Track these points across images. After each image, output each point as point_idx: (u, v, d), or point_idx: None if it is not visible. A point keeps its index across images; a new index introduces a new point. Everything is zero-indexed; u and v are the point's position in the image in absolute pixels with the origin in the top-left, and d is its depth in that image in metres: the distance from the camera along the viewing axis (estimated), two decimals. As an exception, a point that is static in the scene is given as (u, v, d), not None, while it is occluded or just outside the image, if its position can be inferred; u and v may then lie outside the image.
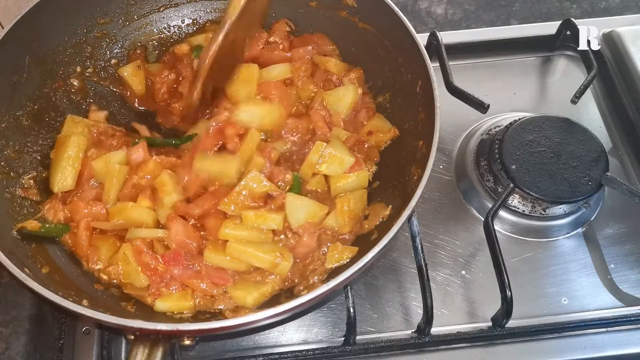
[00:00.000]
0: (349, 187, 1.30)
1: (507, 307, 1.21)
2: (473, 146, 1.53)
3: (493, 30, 1.76)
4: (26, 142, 1.31)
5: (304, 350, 1.24)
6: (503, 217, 1.43)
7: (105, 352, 1.26)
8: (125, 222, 1.25)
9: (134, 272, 1.19)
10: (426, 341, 1.25)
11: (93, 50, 1.45)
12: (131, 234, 1.23)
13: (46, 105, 1.36)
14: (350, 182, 1.30)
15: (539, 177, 1.38)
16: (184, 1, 1.53)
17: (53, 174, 1.30)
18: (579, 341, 1.27)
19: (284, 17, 1.52)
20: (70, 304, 0.98)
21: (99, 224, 1.25)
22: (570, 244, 1.41)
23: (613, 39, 1.68)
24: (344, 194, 1.30)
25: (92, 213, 1.26)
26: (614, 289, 1.34)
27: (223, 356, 1.27)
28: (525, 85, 1.68)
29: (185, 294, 1.19)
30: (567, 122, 1.46)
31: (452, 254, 1.40)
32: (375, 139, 1.38)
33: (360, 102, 1.43)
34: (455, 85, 1.44)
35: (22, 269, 1.03)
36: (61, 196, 1.29)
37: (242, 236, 1.21)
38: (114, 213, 1.25)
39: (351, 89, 1.40)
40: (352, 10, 1.42)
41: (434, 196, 1.48)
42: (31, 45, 1.31)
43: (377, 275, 1.36)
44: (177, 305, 1.17)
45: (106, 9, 1.44)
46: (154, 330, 1.00)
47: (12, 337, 1.23)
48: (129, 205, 1.25)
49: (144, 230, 1.24)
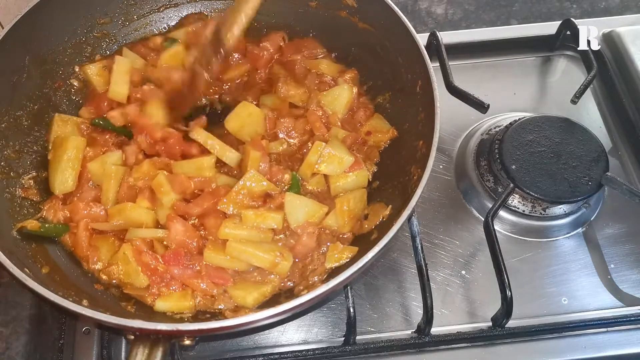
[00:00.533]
0: (349, 187, 1.30)
1: (507, 307, 1.21)
2: (473, 146, 1.53)
3: (493, 30, 1.76)
4: (26, 142, 1.31)
5: (304, 350, 1.24)
6: (503, 217, 1.43)
7: (105, 352, 1.25)
8: (125, 222, 1.25)
9: (134, 272, 1.19)
10: (426, 341, 1.25)
11: (93, 50, 1.45)
12: (131, 234, 1.23)
13: (46, 105, 1.36)
14: (349, 181, 1.30)
15: (539, 177, 1.38)
16: (183, 1, 1.53)
17: (53, 175, 1.29)
18: (579, 341, 1.27)
19: (284, 17, 1.52)
20: (70, 304, 0.98)
21: (98, 225, 1.25)
22: (570, 244, 1.41)
23: (613, 39, 1.68)
24: (344, 193, 1.30)
25: (91, 214, 1.26)
26: (614, 289, 1.34)
27: (223, 356, 1.27)
28: (525, 85, 1.68)
29: (185, 294, 1.19)
30: (567, 122, 1.46)
31: (452, 254, 1.40)
32: (374, 139, 1.38)
33: (356, 102, 1.43)
34: (455, 85, 1.44)
35: (22, 269, 1.03)
36: (61, 197, 1.29)
37: (242, 235, 1.21)
38: (114, 214, 1.25)
39: (346, 88, 1.41)
40: (352, 10, 1.42)
41: (434, 196, 1.48)
42: (31, 45, 1.31)
43: (377, 275, 1.36)
44: (177, 305, 1.17)
45: (106, 9, 1.44)
46: (154, 330, 1.00)
47: (12, 337, 1.23)
48: (128, 206, 1.25)
49: (144, 230, 1.24)
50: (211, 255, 1.20)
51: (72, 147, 1.30)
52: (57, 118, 1.35)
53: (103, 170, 1.29)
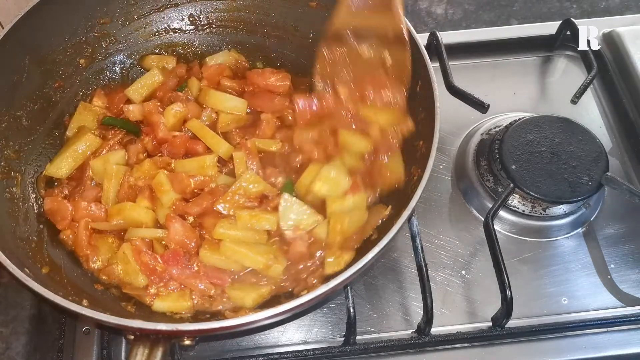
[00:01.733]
0: (345, 210, 1.24)
1: (507, 307, 1.21)
2: (473, 146, 1.53)
3: (493, 30, 1.76)
4: (26, 142, 1.31)
5: (304, 350, 1.24)
6: (503, 217, 1.43)
7: (105, 352, 1.25)
8: (124, 222, 1.25)
9: (133, 271, 1.19)
10: (426, 341, 1.25)
11: (93, 51, 1.45)
12: (130, 234, 1.23)
13: (46, 105, 1.36)
14: (346, 204, 1.24)
15: (539, 177, 1.38)
16: (184, 1, 1.53)
17: (56, 157, 1.33)
18: (579, 341, 1.27)
19: (284, 17, 1.52)
20: (70, 304, 0.98)
21: (98, 225, 1.25)
22: (570, 244, 1.41)
23: (613, 39, 1.68)
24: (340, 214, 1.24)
25: (91, 214, 1.26)
26: (614, 289, 1.34)
27: (223, 356, 1.27)
28: (525, 85, 1.68)
29: (183, 294, 1.19)
30: (567, 122, 1.46)
31: (452, 254, 1.40)
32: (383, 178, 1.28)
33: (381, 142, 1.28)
34: (455, 85, 1.44)
35: (22, 269, 1.03)
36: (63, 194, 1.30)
37: (236, 236, 1.21)
38: (113, 213, 1.26)
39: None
40: (352, 10, 1.42)
41: (434, 196, 1.48)
42: (31, 45, 1.31)
43: (377, 275, 1.36)
44: (176, 305, 1.17)
45: (106, 9, 1.44)
46: (153, 330, 1.00)
47: (12, 337, 1.23)
48: (128, 206, 1.25)
49: (144, 230, 1.24)
50: (207, 254, 1.20)
51: (85, 143, 1.33)
52: (81, 106, 1.40)
53: (105, 169, 1.30)
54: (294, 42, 1.54)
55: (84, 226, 1.24)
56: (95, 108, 1.41)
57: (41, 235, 1.24)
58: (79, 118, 1.39)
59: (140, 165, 1.30)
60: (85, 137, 1.34)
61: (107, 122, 1.40)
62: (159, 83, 1.45)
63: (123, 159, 1.33)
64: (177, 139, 1.34)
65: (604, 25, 1.72)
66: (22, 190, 1.26)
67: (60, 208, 1.26)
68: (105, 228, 1.26)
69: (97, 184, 1.32)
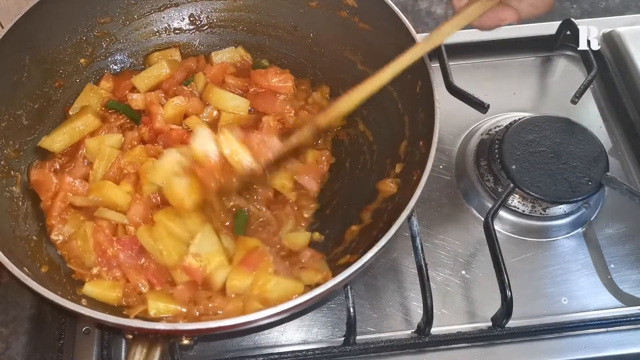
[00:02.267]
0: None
1: (507, 307, 1.21)
2: (473, 146, 1.53)
3: (493, 30, 1.76)
4: (26, 141, 1.31)
5: (304, 350, 1.24)
6: (503, 217, 1.43)
7: (105, 352, 1.25)
8: (102, 200, 1.25)
9: (88, 250, 1.19)
10: (426, 341, 1.25)
11: (93, 50, 1.45)
12: (99, 213, 1.23)
13: (46, 104, 1.36)
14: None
15: (539, 177, 1.38)
16: (184, 1, 1.53)
17: (53, 131, 1.34)
18: (579, 341, 1.27)
19: (284, 17, 1.52)
20: (69, 303, 0.98)
21: (75, 199, 1.26)
22: (570, 244, 1.41)
23: (613, 39, 1.68)
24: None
25: (73, 189, 1.27)
26: (614, 289, 1.34)
27: (223, 356, 1.26)
28: (525, 85, 1.68)
29: (115, 285, 1.17)
30: (567, 122, 1.46)
31: (452, 254, 1.40)
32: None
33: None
34: (455, 86, 1.43)
35: (22, 268, 1.03)
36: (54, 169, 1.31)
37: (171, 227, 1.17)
38: (93, 189, 1.26)
39: None
40: (352, 10, 1.42)
41: (434, 196, 1.48)
42: (31, 44, 1.31)
43: (377, 275, 1.36)
44: (104, 293, 1.16)
45: (106, 9, 1.44)
46: (152, 330, 1.00)
47: (12, 337, 1.23)
48: (108, 184, 1.26)
49: (110, 212, 1.23)
50: (143, 233, 1.18)
51: (84, 122, 1.34)
52: (87, 87, 1.42)
53: (99, 149, 1.31)
54: (294, 42, 1.54)
55: (61, 198, 1.25)
56: (101, 91, 1.43)
57: (41, 234, 1.24)
58: (83, 98, 1.41)
59: (131, 149, 1.31)
60: (86, 117, 1.35)
61: (110, 106, 1.41)
62: (166, 76, 1.46)
63: (119, 143, 1.34)
64: (173, 131, 1.34)
65: (604, 25, 1.72)
66: (22, 190, 1.26)
67: (46, 181, 1.27)
68: (81, 203, 1.26)
69: (89, 164, 1.32)
